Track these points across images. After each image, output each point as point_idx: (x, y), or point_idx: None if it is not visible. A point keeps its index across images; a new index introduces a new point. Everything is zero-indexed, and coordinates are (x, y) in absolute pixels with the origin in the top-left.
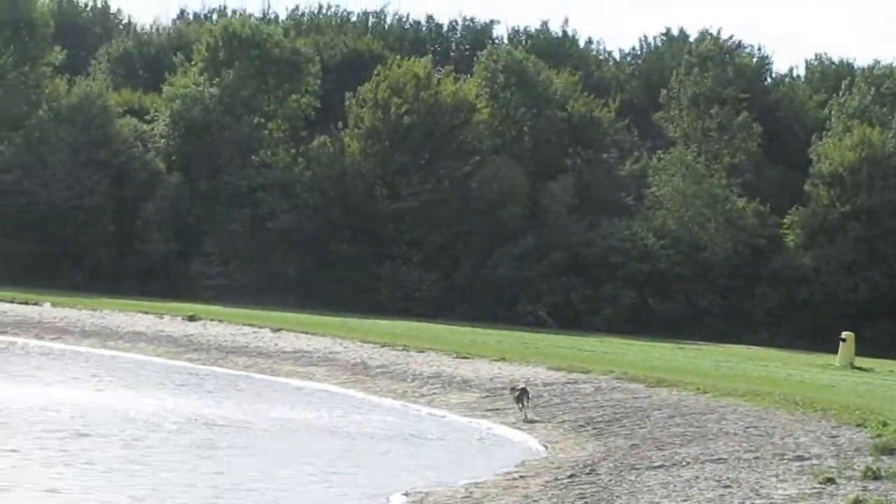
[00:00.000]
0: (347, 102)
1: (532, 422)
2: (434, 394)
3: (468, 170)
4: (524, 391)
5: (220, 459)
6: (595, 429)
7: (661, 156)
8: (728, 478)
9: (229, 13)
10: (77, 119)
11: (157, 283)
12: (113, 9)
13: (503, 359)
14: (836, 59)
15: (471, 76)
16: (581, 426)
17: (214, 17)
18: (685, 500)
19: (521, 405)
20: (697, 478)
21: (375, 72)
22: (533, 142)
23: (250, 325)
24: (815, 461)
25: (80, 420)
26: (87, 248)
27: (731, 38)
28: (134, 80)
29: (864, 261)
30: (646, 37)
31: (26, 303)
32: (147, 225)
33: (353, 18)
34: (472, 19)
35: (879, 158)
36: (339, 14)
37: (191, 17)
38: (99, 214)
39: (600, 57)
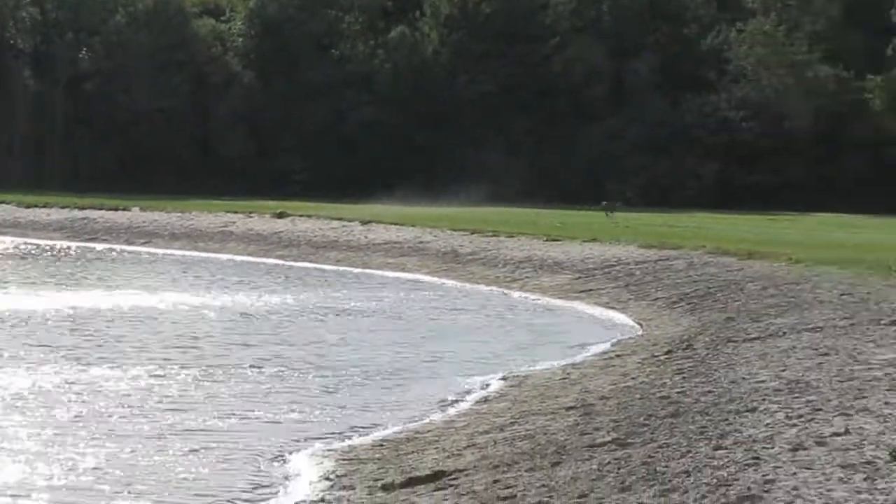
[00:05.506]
0: None
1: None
2: (526, 278)
3: (548, 52)
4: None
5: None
6: (689, 304)
7: (742, 27)
8: (825, 345)
9: None
10: (154, 22)
11: (242, 183)
12: None
13: (594, 239)
14: None
15: None
16: (675, 303)
17: None
18: (783, 370)
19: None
20: (794, 347)
21: None
22: (614, 20)
23: (339, 219)
24: None
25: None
26: (170, 152)
27: None
28: None
29: None
30: None
31: (115, 209)
32: (224, 125)
33: None
34: None
35: None
36: None
37: None
38: (180, 117)
39: None
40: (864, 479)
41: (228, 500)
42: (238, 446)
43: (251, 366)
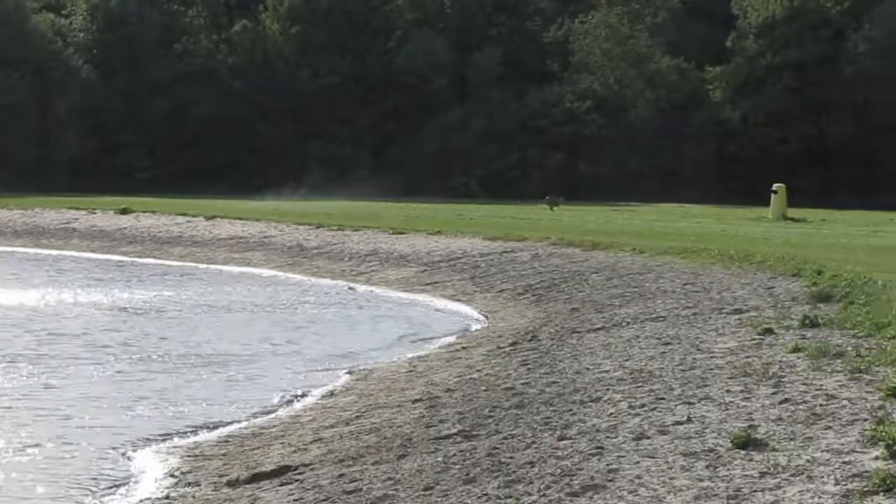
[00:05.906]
0: None
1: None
2: (372, 271)
3: (391, 45)
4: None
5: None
6: (534, 296)
7: (584, 20)
8: (668, 335)
9: None
10: None
11: (85, 180)
12: None
13: (439, 232)
14: None
15: None
16: (520, 294)
17: None
18: (627, 360)
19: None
20: (638, 337)
21: None
22: (456, 14)
23: (184, 214)
24: (753, 313)
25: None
26: (11, 148)
27: None
28: None
29: (793, 112)
30: None
31: None
32: (65, 121)
33: None
34: None
35: (809, 9)
36: None
37: None
38: (20, 113)
39: None
40: (706, 467)
41: (73, 500)
42: (83, 444)
43: (96, 362)
